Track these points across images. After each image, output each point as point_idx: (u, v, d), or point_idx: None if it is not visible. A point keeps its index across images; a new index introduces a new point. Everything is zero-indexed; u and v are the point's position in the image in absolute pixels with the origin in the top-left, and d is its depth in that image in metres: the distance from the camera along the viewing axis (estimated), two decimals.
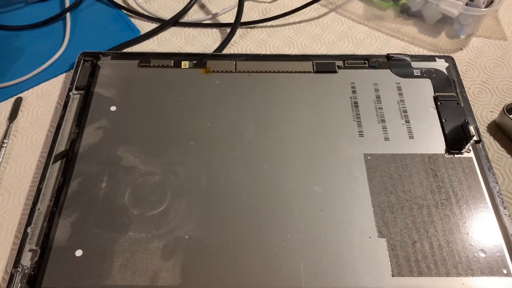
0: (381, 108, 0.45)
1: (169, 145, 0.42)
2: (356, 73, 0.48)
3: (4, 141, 0.44)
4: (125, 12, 0.57)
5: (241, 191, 0.39)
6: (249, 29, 0.55)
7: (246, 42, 0.54)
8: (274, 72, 0.48)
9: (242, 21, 0.54)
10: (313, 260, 0.36)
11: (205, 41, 0.54)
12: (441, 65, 0.48)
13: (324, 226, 0.37)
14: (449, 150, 0.42)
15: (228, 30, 0.54)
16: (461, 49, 0.53)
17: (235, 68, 0.48)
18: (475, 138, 0.43)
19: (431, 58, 0.49)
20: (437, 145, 0.42)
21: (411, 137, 0.43)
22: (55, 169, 0.41)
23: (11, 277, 0.35)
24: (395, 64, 0.48)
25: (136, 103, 0.45)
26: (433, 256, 0.36)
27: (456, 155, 0.42)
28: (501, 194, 0.39)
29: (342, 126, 0.44)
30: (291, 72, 0.48)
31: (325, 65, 0.48)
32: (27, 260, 0.36)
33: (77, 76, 0.47)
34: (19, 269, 0.35)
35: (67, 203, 0.38)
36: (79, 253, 0.36)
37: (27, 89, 0.49)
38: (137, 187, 0.39)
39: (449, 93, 0.46)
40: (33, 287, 0.34)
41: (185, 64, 0.48)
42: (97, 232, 0.37)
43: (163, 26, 0.54)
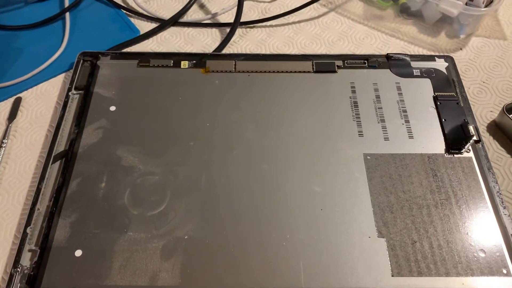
0: (381, 108, 0.45)
1: (168, 145, 0.42)
2: (355, 73, 0.48)
3: (3, 141, 0.44)
4: (125, 12, 0.57)
5: (241, 191, 0.39)
6: (248, 29, 0.55)
7: (245, 42, 0.54)
8: (273, 72, 0.48)
9: (241, 20, 0.54)
10: (313, 260, 0.36)
11: (204, 41, 0.54)
12: (441, 65, 0.48)
13: (324, 226, 0.37)
14: (448, 150, 0.42)
15: (227, 30, 0.54)
16: (461, 49, 0.53)
17: (235, 68, 0.48)
18: (475, 138, 0.43)
19: (431, 58, 0.49)
20: (437, 145, 0.42)
21: (411, 137, 0.43)
22: (55, 169, 0.41)
23: (11, 277, 0.35)
24: (395, 64, 0.48)
25: (135, 103, 0.45)
26: (432, 256, 0.36)
27: (455, 155, 0.42)
28: (500, 194, 0.39)
29: (341, 126, 0.43)
30: (291, 72, 0.48)
31: (325, 65, 0.48)
32: (26, 260, 0.36)
33: (77, 76, 0.47)
34: (18, 269, 0.35)
35: (66, 203, 0.38)
36: (78, 253, 0.36)
37: (27, 89, 0.49)
38: (137, 187, 0.39)
39: (448, 93, 0.46)
40: (32, 287, 0.34)
41: (185, 64, 0.48)
42: (96, 232, 0.37)
43: (163, 26, 0.54)
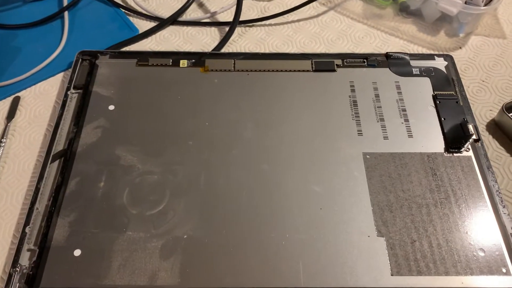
0: (380, 107, 0.45)
1: (167, 144, 0.42)
2: (355, 72, 0.48)
3: (2, 140, 0.44)
4: (124, 10, 0.56)
5: (240, 190, 0.39)
6: (247, 28, 0.55)
7: (244, 40, 0.54)
8: (273, 71, 0.48)
9: (240, 19, 0.54)
10: (312, 259, 0.36)
11: (203, 40, 0.54)
12: (440, 64, 0.48)
13: (323, 225, 0.37)
14: (448, 149, 0.42)
15: (226, 28, 0.54)
16: (460, 48, 0.53)
17: (234, 67, 0.48)
18: (474, 136, 0.43)
19: (430, 56, 0.49)
20: (436, 144, 0.42)
21: (410, 136, 0.43)
22: (53, 168, 0.41)
23: (10, 277, 0.35)
24: (394, 62, 0.48)
25: (134, 102, 0.45)
26: (432, 255, 0.36)
27: (455, 154, 0.42)
28: (500, 193, 0.39)
29: (341, 125, 0.43)
30: (290, 71, 0.48)
31: (324, 63, 0.48)
32: (25, 260, 0.36)
33: (75, 75, 0.47)
34: (17, 269, 0.35)
35: (65, 202, 0.38)
36: (77, 252, 0.36)
37: (25, 88, 0.49)
38: (136, 186, 0.39)
39: (448, 91, 0.46)
40: (31, 287, 0.34)
41: (184, 63, 0.48)
42: (95, 231, 0.37)
43: (162, 24, 0.54)
